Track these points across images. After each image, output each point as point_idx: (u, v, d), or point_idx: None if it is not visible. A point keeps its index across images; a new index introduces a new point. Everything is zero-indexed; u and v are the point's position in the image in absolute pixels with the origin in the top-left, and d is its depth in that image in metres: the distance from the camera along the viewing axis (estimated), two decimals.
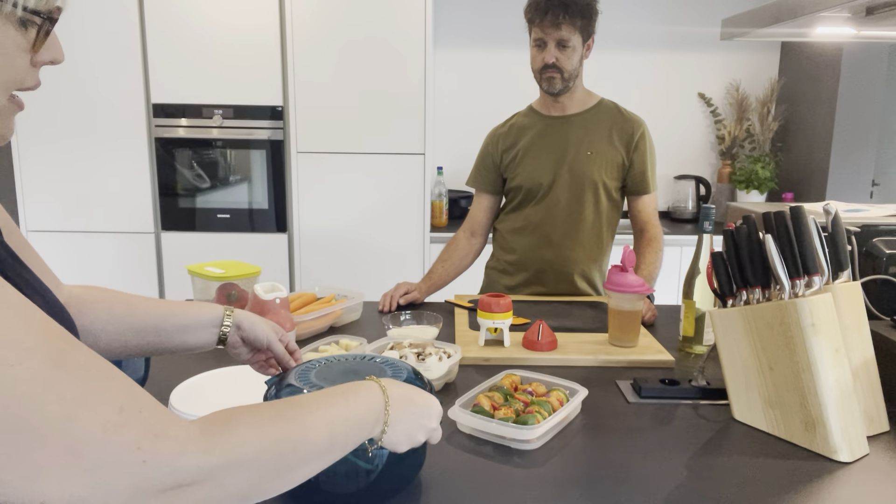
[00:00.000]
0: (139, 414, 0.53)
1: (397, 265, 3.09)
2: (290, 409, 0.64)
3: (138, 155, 3.01)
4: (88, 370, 0.52)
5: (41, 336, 0.51)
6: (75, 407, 0.50)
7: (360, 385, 0.74)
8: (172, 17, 2.89)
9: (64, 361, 0.51)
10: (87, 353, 0.54)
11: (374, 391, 0.74)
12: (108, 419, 0.51)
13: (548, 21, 1.75)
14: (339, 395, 0.71)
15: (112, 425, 0.51)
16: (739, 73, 3.51)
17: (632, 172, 1.90)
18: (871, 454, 1.02)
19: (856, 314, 1.10)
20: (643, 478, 0.95)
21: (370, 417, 0.72)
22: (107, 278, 3.09)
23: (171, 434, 0.53)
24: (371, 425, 0.72)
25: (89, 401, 0.50)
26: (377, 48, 2.93)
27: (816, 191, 3.20)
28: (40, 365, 0.49)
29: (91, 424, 0.50)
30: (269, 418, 0.61)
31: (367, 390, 0.73)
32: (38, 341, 0.50)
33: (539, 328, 1.44)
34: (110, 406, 0.51)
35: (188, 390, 1.16)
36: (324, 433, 0.65)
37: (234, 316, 0.98)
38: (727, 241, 1.16)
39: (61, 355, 0.51)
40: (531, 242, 1.94)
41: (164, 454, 0.52)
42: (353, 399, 0.71)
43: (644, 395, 1.22)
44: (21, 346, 0.49)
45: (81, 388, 0.50)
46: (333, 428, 0.66)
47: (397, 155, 3.02)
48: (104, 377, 0.53)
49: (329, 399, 0.69)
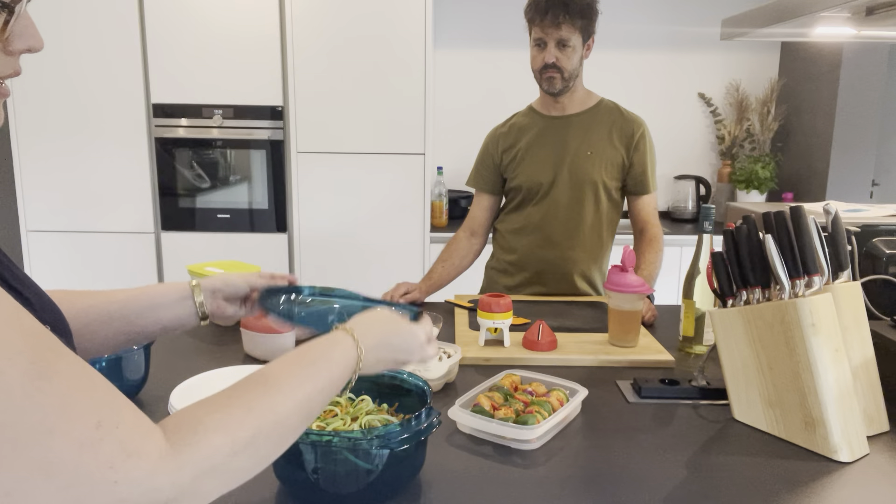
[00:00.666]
0: (115, 430, 0.51)
1: (397, 265, 3.09)
2: (260, 398, 0.62)
3: (138, 155, 3.01)
4: (71, 380, 0.51)
5: (26, 344, 0.49)
6: (55, 420, 0.48)
7: (333, 343, 0.72)
8: (172, 17, 2.89)
9: (48, 371, 0.49)
10: (71, 362, 0.52)
11: (347, 349, 0.72)
12: (85, 435, 0.49)
13: (548, 21, 1.75)
14: (311, 363, 0.68)
15: (88, 442, 0.49)
16: (739, 73, 3.51)
17: (632, 172, 1.90)
18: (871, 454, 1.02)
19: (856, 314, 1.10)
20: (643, 478, 0.95)
21: (344, 376, 0.71)
22: (107, 278, 3.10)
23: (144, 452, 0.52)
24: (343, 381, 0.71)
25: (69, 414, 0.49)
26: (377, 48, 2.93)
27: (816, 191, 3.20)
28: (24, 374, 0.47)
29: (68, 440, 0.48)
30: (238, 417, 0.59)
31: (340, 351, 0.71)
32: (23, 349, 0.48)
33: (539, 328, 1.44)
34: (88, 420, 0.50)
35: (188, 390, 1.16)
36: (298, 414, 0.64)
37: (204, 283, 0.94)
38: (727, 241, 1.16)
39: (45, 365, 0.49)
40: (531, 242, 1.94)
41: (135, 474, 0.51)
42: (325, 367, 0.69)
43: (644, 395, 1.22)
44: (5, 354, 0.47)
45: (62, 400, 0.49)
46: (308, 405, 0.65)
47: (397, 155, 3.02)
48: (87, 387, 0.52)
49: (301, 372, 0.67)
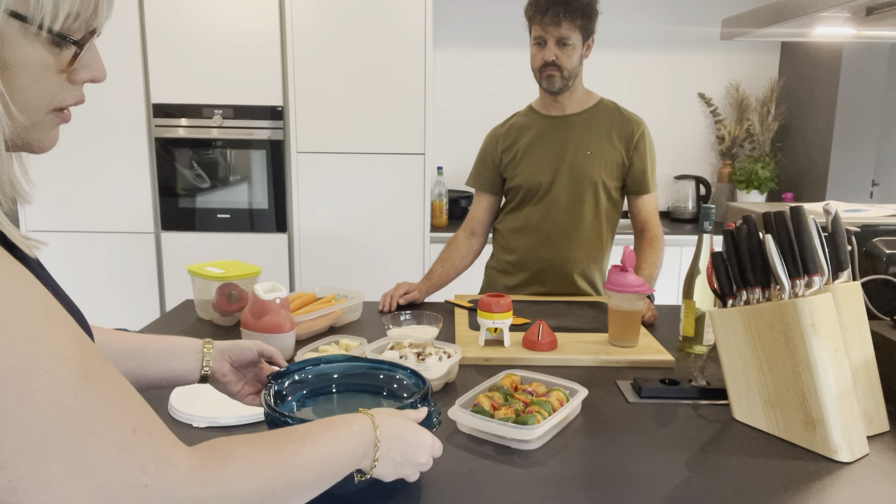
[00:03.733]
0: (149, 437, 0.54)
1: (397, 265, 3.09)
2: (286, 444, 0.66)
3: (138, 155, 3.01)
4: (112, 386, 0.53)
5: (76, 348, 0.52)
6: (97, 422, 0.51)
7: (354, 420, 0.76)
8: (172, 17, 2.89)
9: (93, 375, 0.52)
10: (111, 370, 0.55)
11: (366, 427, 0.76)
12: (123, 438, 0.52)
13: (548, 19, 1.75)
14: (333, 430, 0.72)
15: (125, 445, 0.52)
16: (739, 73, 3.51)
17: (632, 172, 1.90)
18: (871, 454, 1.02)
19: (856, 314, 1.10)
20: (643, 478, 0.95)
21: (359, 453, 0.74)
22: (107, 278, 3.10)
23: (175, 461, 0.54)
24: (359, 459, 0.74)
25: (109, 417, 0.51)
26: (377, 48, 2.93)
27: (816, 191, 3.20)
28: (73, 376, 0.50)
29: (107, 442, 0.51)
30: (265, 455, 0.63)
31: (359, 426, 0.75)
32: (74, 352, 0.51)
33: (539, 328, 1.44)
34: (126, 425, 0.52)
35: (188, 390, 1.16)
36: (315, 470, 0.67)
37: (216, 343, 0.97)
38: (727, 241, 1.16)
39: (91, 369, 0.52)
40: (531, 242, 1.94)
41: (165, 481, 0.53)
42: (345, 437, 0.72)
43: (644, 395, 1.22)
44: (59, 356, 0.50)
45: (104, 404, 0.52)
46: (324, 465, 0.69)
47: (397, 155, 3.02)
48: (125, 395, 0.54)
49: (323, 435, 0.71)
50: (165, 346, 0.93)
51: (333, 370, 1.03)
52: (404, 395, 1.00)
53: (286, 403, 0.96)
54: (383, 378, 1.03)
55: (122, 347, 0.89)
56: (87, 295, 3.09)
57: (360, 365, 1.04)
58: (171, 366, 0.93)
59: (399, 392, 1.01)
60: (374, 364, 1.04)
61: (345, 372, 1.03)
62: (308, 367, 1.01)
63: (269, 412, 0.87)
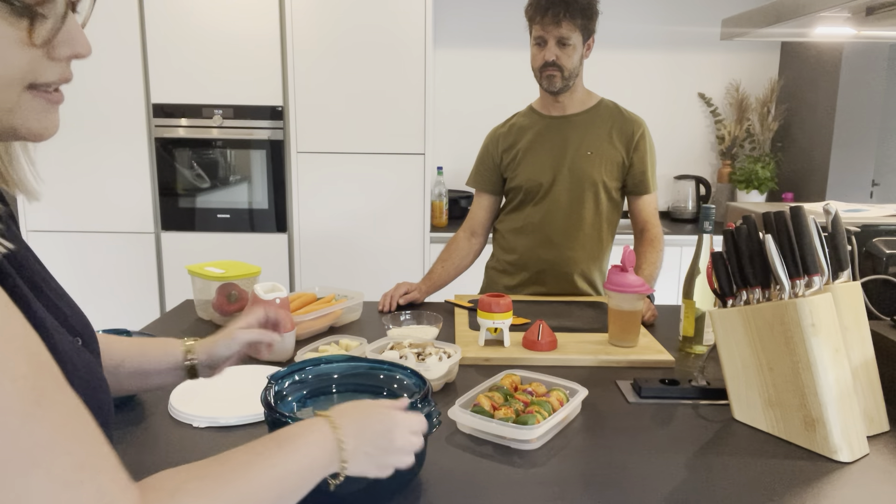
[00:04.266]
0: (96, 476, 0.49)
1: (397, 265, 3.09)
2: (238, 471, 0.61)
3: (138, 155, 3.01)
4: (65, 415, 0.49)
5: (31, 368, 0.48)
6: (42, 453, 0.46)
7: (310, 427, 0.71)
8: (172, 17, 2.89)
9: (45, 401, 0.48)
10: (69, 396, 0.51)
11: (324, 432, 0.70)
12: (68, 475, 0.47)
13: (548, 18, 1.75)
14: (289, 443, 0.67)
15: (70, 482, 0.47)
16: (739, 73, 3.51)
17: (632, 172, 1.90)
18: (871, 454, 1.02)
19: (856, 314, 1.10)
20: (643, 478, 0.95)
21: (323, 459, 0.69)
22: (107, 278, 3.10)
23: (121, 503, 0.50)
24: (325, 466, 0.69)
25: (56, 449, 0.47)
26: (377, 48, 2.93)
27: (816, 191, 3.20)
28: (22, 399, 0.46)
29: (51, 476, 0.46)
30: (215, 487, 0.58)
31: (317, 433, 0.70)
32: (28, 373, 0.47)
33: (539, 328, 1.44)
34: (74, 459, 0.48)
35: (188, 390, 1.16)
36: (274, 490, 0.63)
37: (197, 352, 0.95)
38: (727, 241, 1.16)
39: (44, 393, 0.48)
40: (531, 242, 1.94)
41: None
42: (303, 449, 0.68)
43: (644, 395, 1.22)
44: (9, 375, 0.46)
45: (53, 434, 0.47)
46: (283, 484, 0.64)
47: (397, 155, 3.02)
48: (78, 426, 0.50)
49: (278, 452, 0.66)
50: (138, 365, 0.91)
51: (333, 370, 1.03)
52: (404, 396, 1.00)
53: (286, 403, 0.96)
54: (383, 378, 1.03)
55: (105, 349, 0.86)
56: (87, 295, 3.08)
57: (360, 365, 1.04)
58: (149, 382, 0.93)
59: (399, 392, 1.01)
60: (374, 364, 1.04)
61: (345, 372, 1.03)
62: (308, 368, 1.01)
63: (269, 412, 0.87)
